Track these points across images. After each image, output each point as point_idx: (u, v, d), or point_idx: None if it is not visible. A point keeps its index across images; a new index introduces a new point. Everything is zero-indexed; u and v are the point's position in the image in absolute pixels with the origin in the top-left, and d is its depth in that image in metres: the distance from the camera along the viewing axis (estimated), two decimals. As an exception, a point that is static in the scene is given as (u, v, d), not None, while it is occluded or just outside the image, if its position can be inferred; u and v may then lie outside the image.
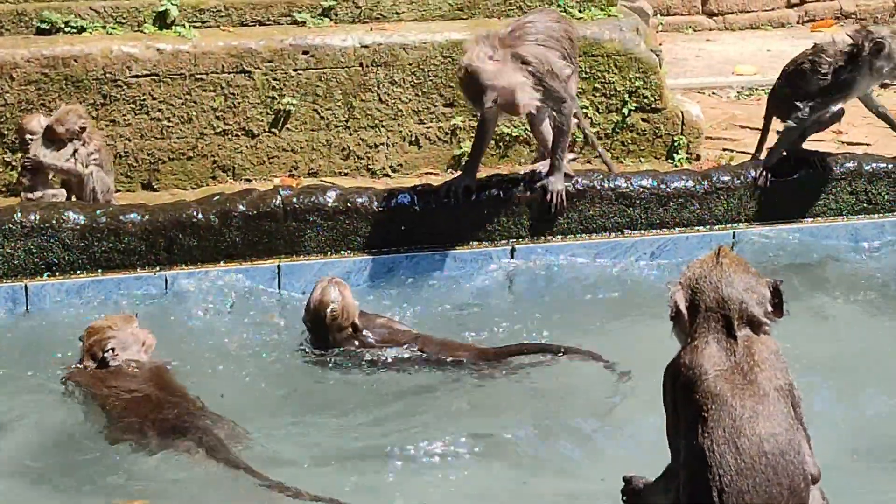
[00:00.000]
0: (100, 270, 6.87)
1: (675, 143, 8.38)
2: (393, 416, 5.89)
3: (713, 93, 9.52)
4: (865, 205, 7.72)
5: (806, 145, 7.69)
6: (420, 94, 8.13)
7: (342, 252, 7.13)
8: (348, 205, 7.11)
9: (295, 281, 7.02)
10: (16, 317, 6.69)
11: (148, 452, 5.48)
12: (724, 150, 8.51)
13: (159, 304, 6.77)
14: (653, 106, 8.37)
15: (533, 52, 6.80)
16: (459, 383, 6.16)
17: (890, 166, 7.73)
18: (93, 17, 7.88)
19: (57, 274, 6.83)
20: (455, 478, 5.43)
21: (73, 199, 7.28)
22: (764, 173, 7.48)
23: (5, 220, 6.76)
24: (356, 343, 6.27)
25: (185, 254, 6.93)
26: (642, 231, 7.44)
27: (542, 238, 7.36)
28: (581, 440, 5.69)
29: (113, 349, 5.91)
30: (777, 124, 7.64)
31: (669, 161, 8.35)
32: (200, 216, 6.94)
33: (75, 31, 7.86)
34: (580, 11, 8.40)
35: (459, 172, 7.48)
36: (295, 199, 7.06)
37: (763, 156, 7.71)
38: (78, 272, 6.85)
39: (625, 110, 8.34)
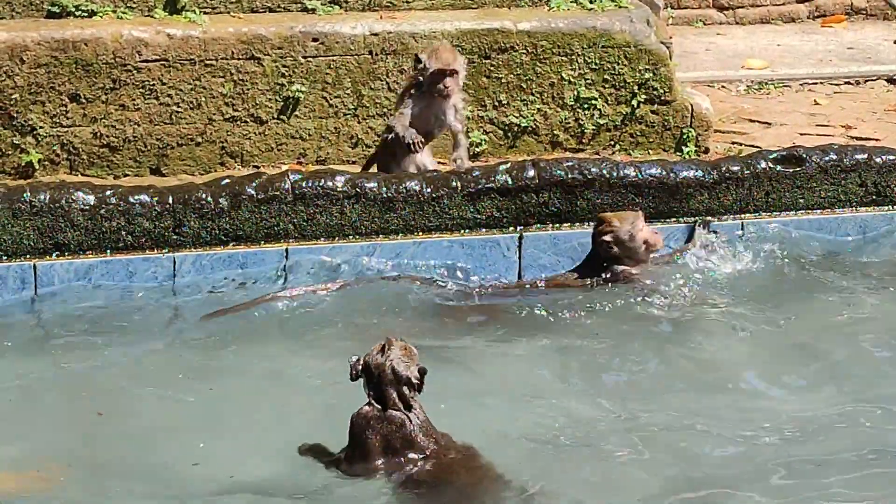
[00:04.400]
0: (108, 251, 6.89)
1: (685, 136, 8.38)
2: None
3: (723, 86, 9.51)
4: (874, 197, 7.72)
5: (808, 140, 7.70)
6: (429, 82, 8.12)
7: (350, 237, 7.15)
8: (357, 190, 7.12)
9: (302, 264, 7.04)
10: (24, 296, 6.70)
11: None
12: (733, 143, 8.51)
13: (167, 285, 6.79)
14: (662, 98, 8.37)
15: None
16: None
17: (900, 159, 7.74)
18: (103, 1, 7.89)
19: (66, 254, 6.84)
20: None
21: None
22: None
23: (15, 199, 6.77)
24: None
25: (194, 236, 6.94)
26: (650, 221, 7.44)
27: (551, 226, 7.38)
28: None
29: None
30: None
31: (678, 153, 8.34)
32: (210, 198, 6.96)
33: (86, 14, 7.86)
34: (591, 2, 8.40)
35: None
36: (304, 184, 7.07)
37: None
38: (87, 252, 6.87)
39: (634, 102, 8.33)
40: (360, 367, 5.25)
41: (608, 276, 7.04)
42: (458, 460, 5.23)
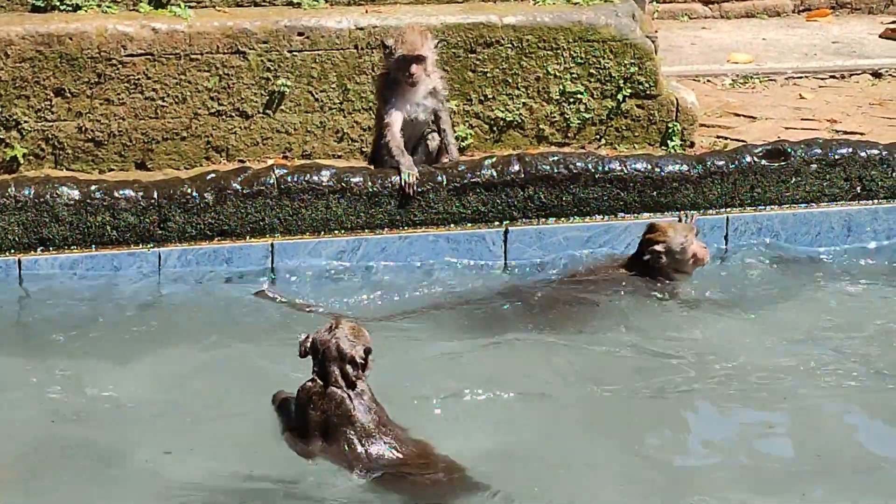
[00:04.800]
0: (93, 246, 6.88)
1: (670, 130, 8.38)
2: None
3: (708, 80, 9.53)
4: (859, 191, 7.74)
5: (793, 134, 7.72)
6: (415, 76, 8.11)
7: (335, 232, 7.15)
8: (342, 184, 7.13)
9: (288, 259, 7.03)
10: (9, 291, 6.69)
11: None
12: (719, 137, 8.52)
13: (152, 280, 6.78)
14: (648, 92, 8.37)
15: None
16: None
17: (884, 153, 7.76)
18: (88, -5, 7.88)
19: (51, 249, 6.83)
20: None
21: None
22: None
23: (-1, 194, 6.77)
24: None
25: (179, 231, 6.93)
26: (635, 214, 7.47)
27: (536, 220, 7.39)
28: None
29: None
30: None
31: (664, 148, 8.35)
32: (195, 193, 6.95)
33: (70, 9, 7.84)
34: (576, -4, 8.41)
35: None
36: (289, 178, 7.07)
37: None
38: (72, 247, 6.86)
39: (619, 96, 8.33)
40: (308, 344, 5.33)
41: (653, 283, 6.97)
42: (406, 447, 5.26)
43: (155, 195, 6.93)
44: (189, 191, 6.97)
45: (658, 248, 6.97)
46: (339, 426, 5.25)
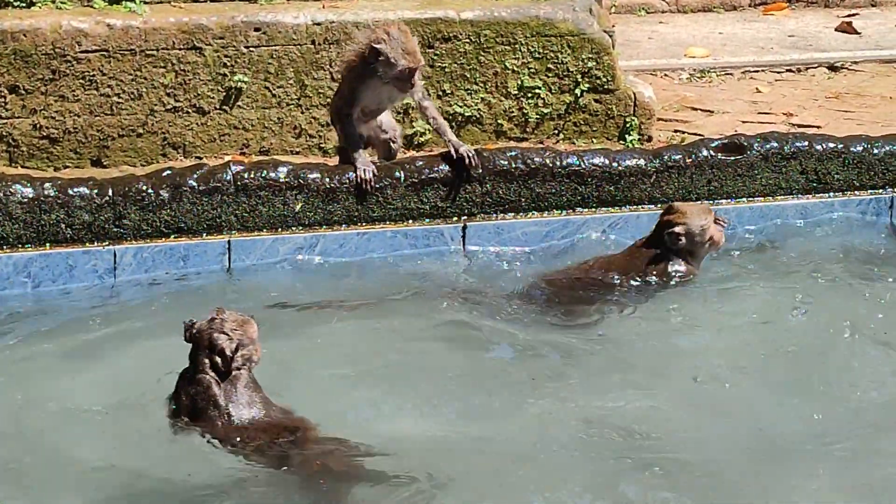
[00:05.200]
0: (48, 244, 6.83)
1: (628, 125, 8.40)
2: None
3: (665, 75, 9.55)
4: (815, 184, 7.79)
5: (749, 128, 7.75)
6: (372, 72, 8.09)
7: (293, 228, 7.13)
8: (300, 181, 7.11)
9: (245, 257, 7.01)
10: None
11: None
12: (676, 131, 8.55)
13: (107, 278, 6.75)
14: (605, 87, 8.38)
15: None
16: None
17: (840, 146, 7.80)
18: (42, -9, 7.81)
19: (4, 247, 6.77)
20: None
21: None
22: None
23: (-48, 193, 6.71)
24: None
25: (135, 228, 6.90)
26: (593, 209, 7.48)
27: (494, 215, 7.40)
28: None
29: None
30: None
31: (621, 142, 8.37)
32: (150, 190, 6.92)
33: (24, 5, 7.77)
34: (534, -10, 8.41)
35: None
36: (246, 175, 7.04)
37: None
38: (26, 246, 6.80)
39: (577, 91, 8.35)
40: (192, 331, 5.52)
41: (663, 271, 6.87)
42: (279, 428, 5.39)
43: (110, 192, 6.89)
44: (144, 188, 6.93)
45: (678, 229, 6.88)
46: (205, 410, 5.41)
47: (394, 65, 6.99)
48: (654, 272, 6.88)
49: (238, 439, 5.35)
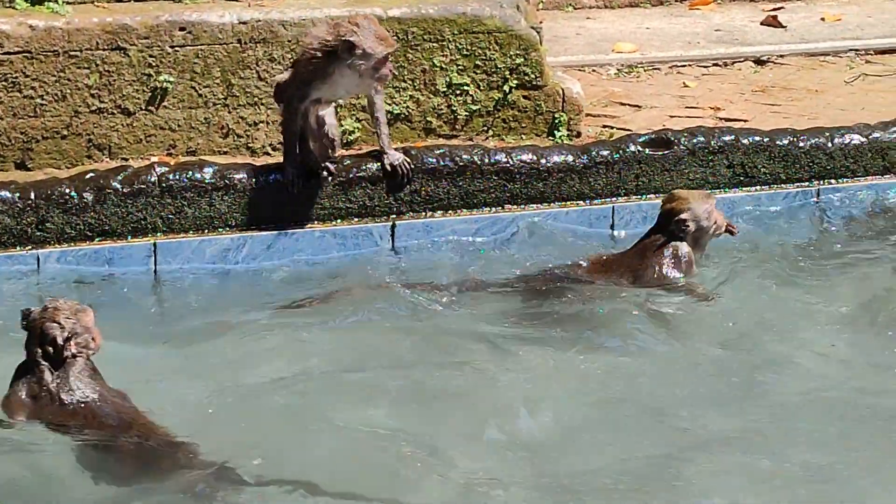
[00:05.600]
0: (-31, 249, 6.76)
1: (556, 121, 8.41)
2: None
3: (593, 70, 9.57)
4: (742, 178, 7.84)
5: (677, 123, 7.79)
6: (299, 70, 8.05)
7: (220, 230, 7.08)
8: (226, 181, 7.06)
9: (171, 259, 6.96)
10: None
11: None
12: (605, 127, 8.57)
13: (30, 282, 6.67)
14: (534, 83, 8.39)
15: None
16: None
17: (766, 140, 7.86)
18: (-39, -8, 7.71)
19: (-76, 253, 6.70)
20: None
21: None
22: None
23: None
24: None
25: (58, 232, 6.83)
26: (522, 206, 7.50)
27: (424, 214, 7.39)
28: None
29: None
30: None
31: (550, 138, 8.38)
32: (73, 193, 6.85)
33: (-57, 6, 7.68)
34: (459, -13, 8.39)
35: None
36: (171, 176, 6.99)
37: None
38: (-53, 251, 6.74)
39: (506, 88, 8.35)
40: (28, 320, 5.59)
41: (671, 258, 6.79)
42: (113, 417, 5.45)
43: (32, 196, 6.82)
44: (67, 191, 6.86)
45: (684, 216, 6.83)
46: (40, 398, 5.48)
47: (370, 54, 6.89)
48: (661, 262, 6.81)
49: (71, 424, 5.43)
